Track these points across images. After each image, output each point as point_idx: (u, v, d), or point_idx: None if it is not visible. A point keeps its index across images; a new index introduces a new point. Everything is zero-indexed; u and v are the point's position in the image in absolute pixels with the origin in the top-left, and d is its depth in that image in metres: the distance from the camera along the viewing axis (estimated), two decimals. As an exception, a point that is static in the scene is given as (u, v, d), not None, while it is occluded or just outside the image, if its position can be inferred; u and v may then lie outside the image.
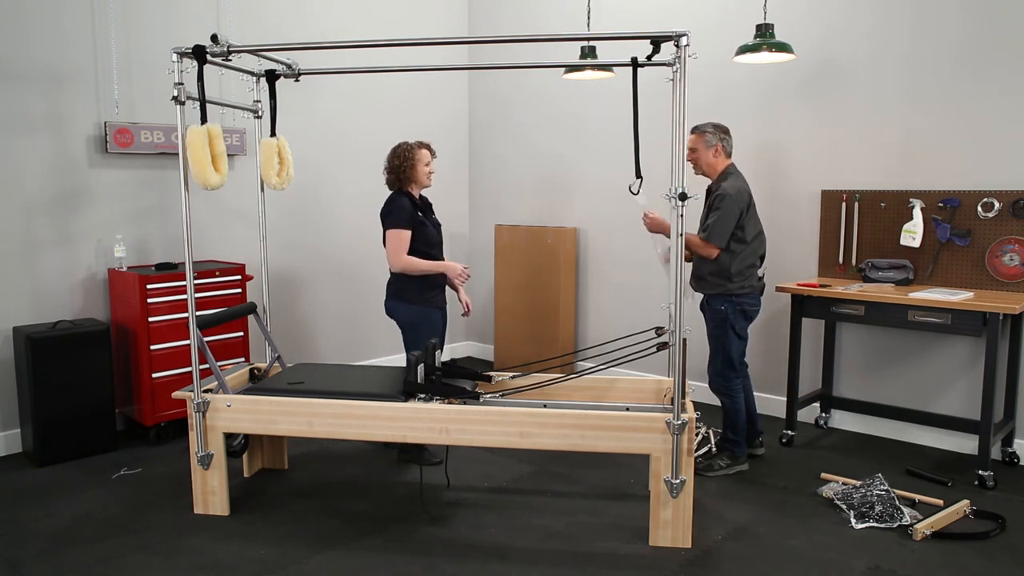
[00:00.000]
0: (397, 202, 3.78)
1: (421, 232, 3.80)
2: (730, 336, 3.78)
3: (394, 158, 3.81)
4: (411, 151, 3.77)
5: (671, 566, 2.94)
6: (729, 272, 3.72)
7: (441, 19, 6.01)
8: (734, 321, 3.76)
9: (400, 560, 2.99)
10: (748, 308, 3.77)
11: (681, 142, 3.00)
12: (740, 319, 3.77)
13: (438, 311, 3.92)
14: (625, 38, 3.13)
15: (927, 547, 3.08)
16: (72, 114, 4.26)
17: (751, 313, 3.79)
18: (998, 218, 3.89)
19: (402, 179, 3.81)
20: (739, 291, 3.74)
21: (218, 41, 3.19)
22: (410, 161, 3.78)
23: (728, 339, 3.78)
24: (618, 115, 5.36)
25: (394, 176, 3.82)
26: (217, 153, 3.26)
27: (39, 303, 4.22)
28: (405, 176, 3.80)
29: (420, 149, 3.79)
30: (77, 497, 3.58)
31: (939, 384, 4.18)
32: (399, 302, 3.85)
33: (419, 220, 3.80)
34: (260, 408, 3.27)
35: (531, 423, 3.06)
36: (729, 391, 3.83)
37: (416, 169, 3.79)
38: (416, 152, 3.78)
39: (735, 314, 3.75)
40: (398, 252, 3.74)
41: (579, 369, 4.21)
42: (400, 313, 3.86)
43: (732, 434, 3.86)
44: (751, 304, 3.78)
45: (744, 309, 3.76)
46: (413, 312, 3.83)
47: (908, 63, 4.13)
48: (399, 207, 3.75)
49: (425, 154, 3.80)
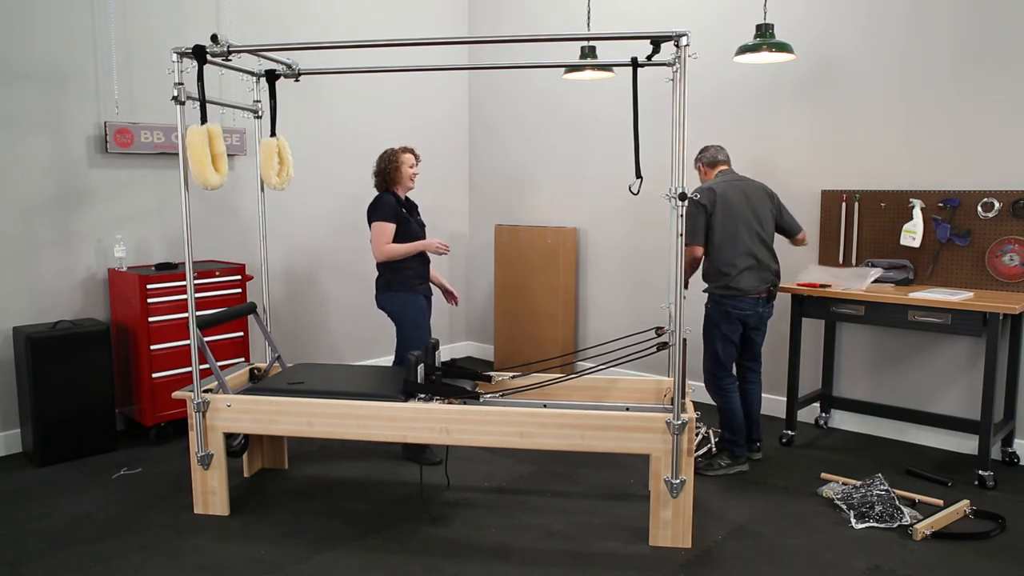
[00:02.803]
0: (382, 199, 4.04)
1: (405, 227, 4.03)
2: (715, 335, 3.82)
3: (380, 162, 4.08)
4: (395, 155, 4.05)
5: (671, 566, 2.94)
6: (706, 272, 3.84)
7: (441, 19, 6.01)
8: (718, 321, 3.80)
9: (400, 560, 2.99)
10: (731, 309, 3.77)
11: (681, 142, 3.00)
12: (724, 320, 3.79)
13: (424, 299, 4.12)
14: (625, 38, 3.14)
15: (927, 547, 3.08)
16: (72, 114, 4.26)
17: (735, 315, 3.78)
18: (998, 218, 3.89)
19: (387, 181, 4.07)
20: (718, 291, 3.79)
21: (218, 41, 3.19)
22: (394, 164, 4.04)
23: (713, 338, 3.83)
24: (618, 115, 5.36)
25: (380, 178, 4.09)
26: (217, 153, 3.26)
27: (39, 303, 4.22)
28: (390, 178, 4.06)
29: (404, 153, 4.07)
30: (77, 497, 3.58)
31: (939, 384, 4.18)
32: (387, 292, 4.07)
33: (403, 216, 4.03)
34: (260, 408, 3.27)
35: (531, 423, 3.06)
36: (720, 390, 3.85)
37: (400, 171, 4.05)
38: (400, 156, 4.05)
39: (718, 314, 3.80)
40: (380, 242, 3.98)
41: (579, 369, 4.21)
42: (389, 303, 4.07)
43: (729, 433, 3.87)
44: (734, 306, 3.77)
45: (727, 310, 3.77)
46: (399, 300, 4.03)
47: (908, 63, 4.13)
48: (384, 203, 4.02)
49: (409, 157, 4.07)
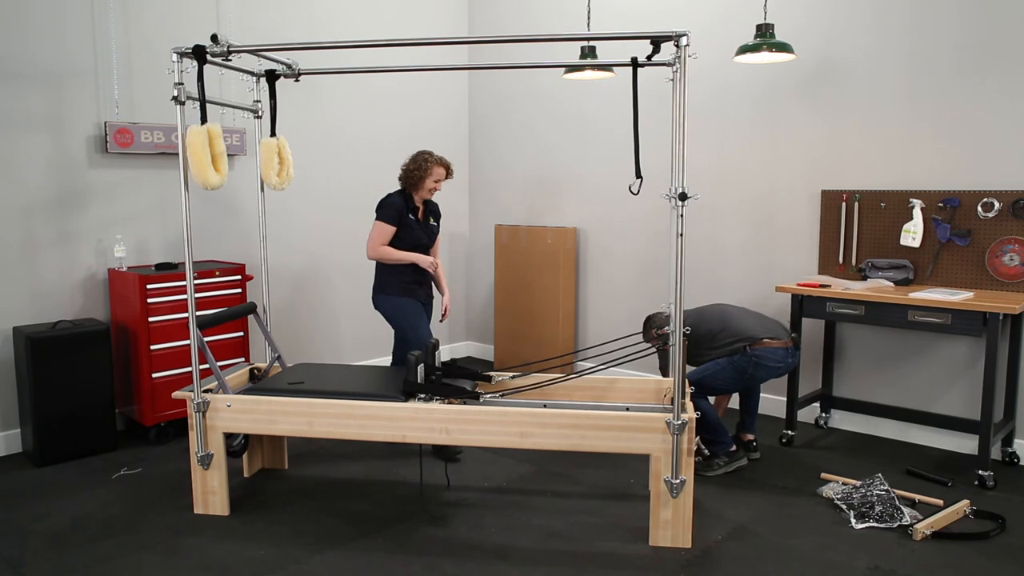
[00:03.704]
0: (391, 199, 4.03)
1: (406, 232, 4.04)
2: (725, 374, 3.76)
3: (412, 162, 4.03)
4: (428, 165, 3.99)
5: (671, 566, 2.94)
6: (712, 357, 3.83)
7: (441, 19, 6.01)
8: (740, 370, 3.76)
9: (400, 560, 2.99)
10: (771, 363, 3.76)
11: (681, 142, 3.00)
12: (754, 373, 3.76)
13: (419, 303, 4.11)
14: (625, 38, 3.14)
15: (927, 547, 3.08)
16: (72, 114, 4.26)
17: (773, 369, 3.78)
18: (998, 218, 3.89)
19: (409, 183, 4.05)
20: (727, 354, 3.77)
21: (218, 41, 3.19)
22: (424, 172, 4.01)
23: (721, 375, 3.77)
24: (618, 115, 5.36)
25: (404, 177, 4.06)
26: (217, 153, 3.26)
27: (39, 303, 4.22)
28: (413, 181, 4.04)
29: (437, 166, 4.02)
30: (77, 497, 3.58)
31: (939, 384, 4.18)
32: (380, 294, 4.10)
33: (406, 222, 4.03)
34: (260, 408, 3.27)
35: (531, 423, 3.06)
36: (694, 397, 3.80)
37: (424, 181, 4.03)
38: (432, 168, 4.01)
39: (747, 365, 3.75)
40: (375, 241, 4.00)
41: (579, 369, 4.21)
42: (383, 305, 4.10)
43: (710, 435, 3.82)
44: (767, 358, 3.76)
45: (768, 365, 3.75)
46: (391, 303, 4.06)
47: (908, 63, 4.13)
48: (391, 204, 4.01)
49: (440, 172, 4.04)
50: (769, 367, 3.73)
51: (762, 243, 4.74)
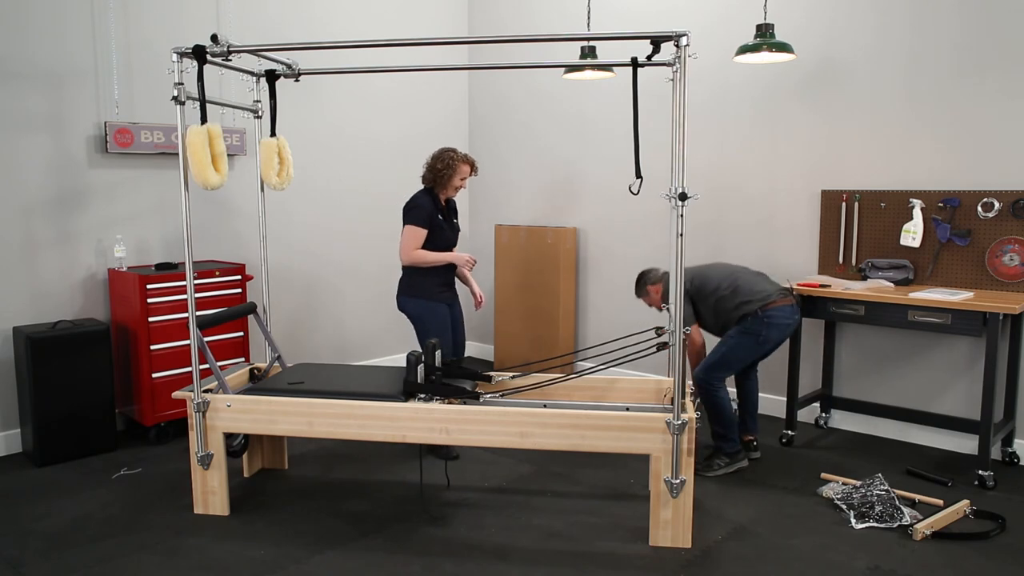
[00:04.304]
0: (420, 201, 3.97)
1: (437, 234, 3.99)
2: (740, 345, 3.75)
3: (437, 161, 3.99)
4: (455, 162, 3.97)
5: (671, 566, 2.94)
6: (721, 321, 3.86)
7: (441, 19, 6.01)
8: (755, 336, 3.76)
9: (400, 560, 2.99)
10: (783, 321, 3.77)
11: (681, 142, 3.00)
12: (769, 336, 3.76)
13: (446, 306, 4.06)
14: (625, 38, 3.13)
15: (927, 547, 3.08)
16: (72, 114, 4.26)
17: (787, 328, 3.79)
18: (998, 218, 3.89)
19: (436, 182, 4.01)
20: (745, 316, 3.77)
21: (218, 41, 3.19)
22: (451, 170, 3.97)
23: (737, 347, 3.76)
24: (618, 115, 5.36)
25: (431, 176, 4.01)
26: (217, 153, 3.26)
27: (39, 303, 4.22)
28: (439, 179, 3.99)
29: (463, 164, 4.00)
30: (77, 497, 3.58)
31: (939, 384, 4.18)
32: (408, 297, 4.03)
33: (437, 223, 3.98)
34: (260, 408, 3.27)
35: (531, 423, 3.06)
36: (711, 387, 3.78)
37: (452, 179, 4.00)
38: (459, 165, 3.98)
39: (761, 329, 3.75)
40: (409, 247, 3.94)
41: (579, 369, 4.21)
42: (409, 307, 4.04)
43: (721, 428, 3.81)
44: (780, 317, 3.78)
45: (780, 323, 3.76)
46: (420, 306, 4.00)
47: (908, 63, 4.13)
48: (420, 206, 3.95)
49: (465, 169, 4.02)
50: (780, 326, 3.73)
51: (762, 243, 4.74)
